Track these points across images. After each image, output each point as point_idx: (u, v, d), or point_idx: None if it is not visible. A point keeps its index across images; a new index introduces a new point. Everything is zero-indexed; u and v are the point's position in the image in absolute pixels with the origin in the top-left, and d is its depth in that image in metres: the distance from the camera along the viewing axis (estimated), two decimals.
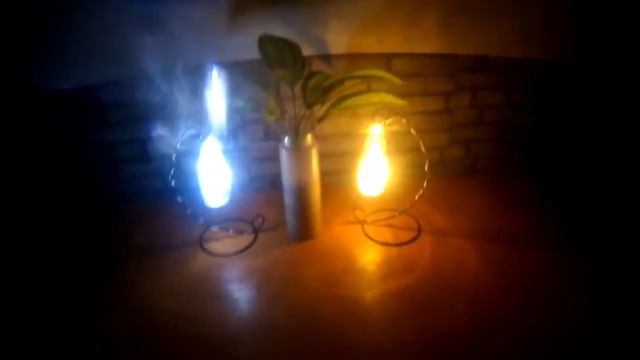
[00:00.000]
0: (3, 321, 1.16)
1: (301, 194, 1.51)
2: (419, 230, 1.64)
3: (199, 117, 1.41)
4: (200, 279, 1.48)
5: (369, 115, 1.50)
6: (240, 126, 1.80)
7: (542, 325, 1.25)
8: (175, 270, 1.51)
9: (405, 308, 1.34)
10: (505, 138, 1.94)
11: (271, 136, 1.82)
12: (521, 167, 1.98)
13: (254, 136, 1.82)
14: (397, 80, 1.35)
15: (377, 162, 1.54)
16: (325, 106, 1.43)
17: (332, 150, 1.87)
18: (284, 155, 1.46)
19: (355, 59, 1.72)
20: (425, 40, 1.72)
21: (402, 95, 1.42)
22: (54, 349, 1.20)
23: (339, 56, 1.71)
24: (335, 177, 1.91)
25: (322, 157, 1.53)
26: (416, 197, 1.57)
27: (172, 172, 1.46)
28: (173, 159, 1.45)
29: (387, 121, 1.48)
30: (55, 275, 1.46)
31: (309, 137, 1.46)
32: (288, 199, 1.55)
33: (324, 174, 1.56)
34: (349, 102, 1.40)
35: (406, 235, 1.62)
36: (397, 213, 1.67)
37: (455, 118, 1.89)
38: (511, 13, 1.67)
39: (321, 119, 1.43)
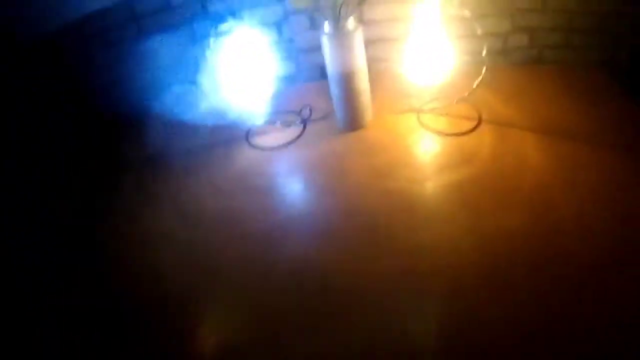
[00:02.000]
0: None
1: (347, 82, 1.42)
2: (479, 120, 1.51)
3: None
4: (248, 174, 1.47)
5: None
6: (283, 17, 1.69)
7: (606, 237, 1.10)
8: (221, 166, 1.50)
9: (459, 203, 1.27)
10: (575, 27, 1.69)
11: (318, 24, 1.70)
12: (596, 60, 1.73)
13: (299, 27, 1.71)
14: None
15: (431, 47, 1.39)
16: None
17: (383, 35, 1.72)
18: (325, 43, 1.36)
19: None
20: None
21: None
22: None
23: None
24: (387, 64, 1.77)
25: (373, 42, 1.42)
26: (475, 85, 1.43)
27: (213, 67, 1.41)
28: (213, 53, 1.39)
29: (441, 5, 1.33)
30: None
31: (351, 21, 1.33)
32: (334, 89, 1.46)
33: (375, 60, 1.45)
34: None
35: (465, 125, 1.50)
36: (455, 101, 1.54)
37: (516, 3, 1.67)
38: None
39: (362, 1, 1.30)
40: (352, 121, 1.53)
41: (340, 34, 1.33)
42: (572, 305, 0.99)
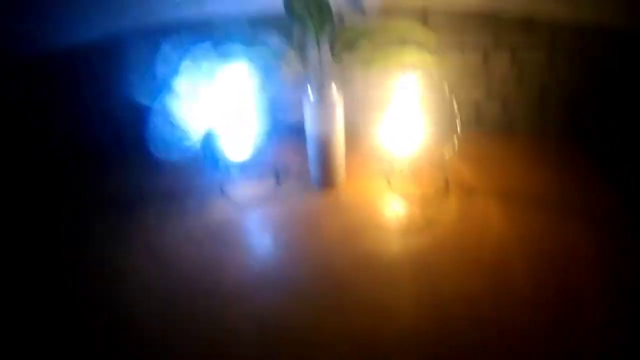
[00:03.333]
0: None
1: (323, 145, 1.50)
2: (447, 187, 1.58)
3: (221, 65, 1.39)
4: (220, 226, 1.49)
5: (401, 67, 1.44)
6: (266, 70, 1.75)
7: (561, 309, 1.16)
8: (195, 216, 1.52)
9: (420, 269, 1.31)
10: (547, 100, 1.80)
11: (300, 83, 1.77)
12: (563, 131, 1.83)
13: (282, 81, 1.78)
14: (430, 37, 1.28)
15: (407, 116, 1.48)
16: (353, 58, 1.38)
17: (361, 97, 1.79)
18: (307, 107, 1.44)
19: (387, 11, 1.63)
20: None
21: (438, 48, 1.33)
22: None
23: (369, 8, 1.62)
24: (363, 126, 1.83)
25: (351, 103, 1.47)
26: (445, 154, 1.52)
27: (192, 117, 1.46)
28: (194, 106, 1.45)
29: (419, 76, 1.42)
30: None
31: (334, 89, 1.43)
32: (311, 150, 1.54)
33: (351, 122, 1.51)
34: (378, 57, 1.35)
35: (432, 191, 1.58)
36: (425, 167, 1.63)
37: (493, 75, 1.77)
38: None
39: (346, 73, 1.39)
40: (326, 181, 1.59)
41: (322, 102, 1.42)
42: None
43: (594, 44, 1.64)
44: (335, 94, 1.43)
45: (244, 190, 1.63)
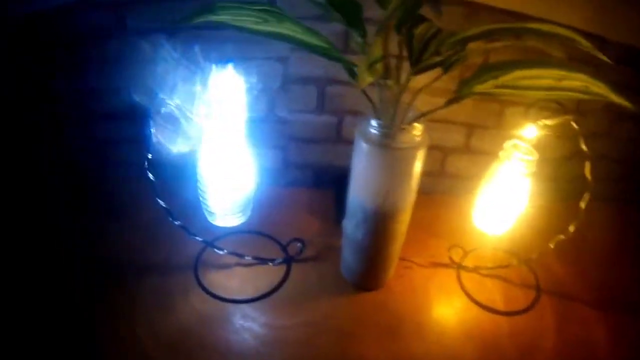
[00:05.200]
0: None
1: (379, 224, 0.87)
2: (538, 291, 1.06)
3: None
4: (189, 339, 0.89)
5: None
6: (280, 86, 1.16)
7: None
8: (152, 314, 0.93)
9: None
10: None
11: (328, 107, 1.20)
12: None
13: (301, 104, 1.19)
14: (600, 54, 0.67)
15: (512, 186, 0.93)
16: (453, 73, 0.77)
17: (433, 141, 1.25)
18: (364, 152, 0.81)
19: (473, 11, 1.13)
20: (569, 7, 1.13)
21: None
22: None
23: (451, 3, 1.11)
24: (431, 186, 1.32)
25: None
26: (551, 245, 0.97)
27: (148, 158, 0.84)
28: (153, 138, 0.80)
29: (549, 122, 0.85)
30: None
31: (418, 128, 0.80)
32: (352, 227, 0.91)
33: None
34: (517, 77, 0.71)
35: (519, 297, 1.04)
36: (515, 262, 1.07)
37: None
38: None
39: (452, 101, 0.76)
40: (368, 278, 0.99)
41: (393, 146, 0.79)
42: None
43: None
44: (419, 136, 0.81)
45: (231, 278, 1.03)
